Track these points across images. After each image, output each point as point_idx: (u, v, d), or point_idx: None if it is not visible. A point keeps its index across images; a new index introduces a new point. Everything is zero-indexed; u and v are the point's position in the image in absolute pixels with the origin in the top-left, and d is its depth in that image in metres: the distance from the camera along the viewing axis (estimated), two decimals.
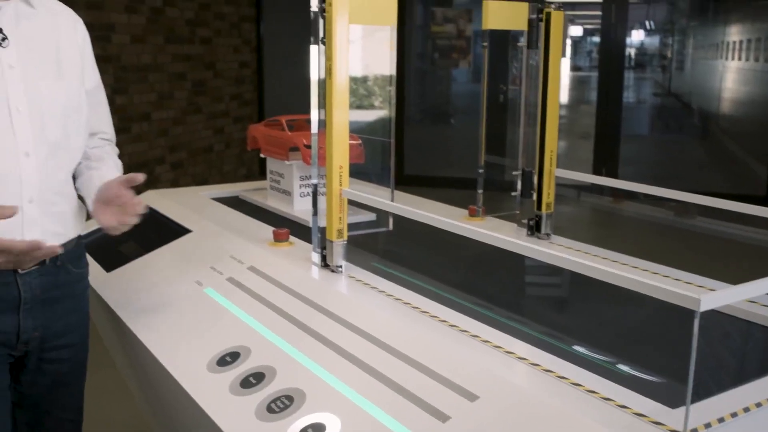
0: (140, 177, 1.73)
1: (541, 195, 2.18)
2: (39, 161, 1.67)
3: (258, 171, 8.61)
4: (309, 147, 2.25)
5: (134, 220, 1.73)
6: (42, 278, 1.73)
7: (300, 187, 2.48)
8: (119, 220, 1.74)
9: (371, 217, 2.33)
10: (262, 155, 2.63)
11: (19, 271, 1.68)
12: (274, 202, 2.59)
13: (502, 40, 2.22)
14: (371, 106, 2.05)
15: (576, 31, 13.79)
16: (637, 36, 10.85)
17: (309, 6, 1.73)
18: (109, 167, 1.87)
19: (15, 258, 1.60)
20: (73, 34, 1.83)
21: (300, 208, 2.45)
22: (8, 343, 1.71)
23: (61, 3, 1.85)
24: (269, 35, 8.61)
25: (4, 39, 1.64)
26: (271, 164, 2.62)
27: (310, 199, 2.08)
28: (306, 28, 1.71)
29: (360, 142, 2.26)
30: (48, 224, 1.70)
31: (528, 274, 2.08)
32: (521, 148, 2.25)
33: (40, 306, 1.73)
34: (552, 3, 2.11)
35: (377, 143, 2.19)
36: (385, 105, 2.04)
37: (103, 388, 2.93)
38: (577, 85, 14.11)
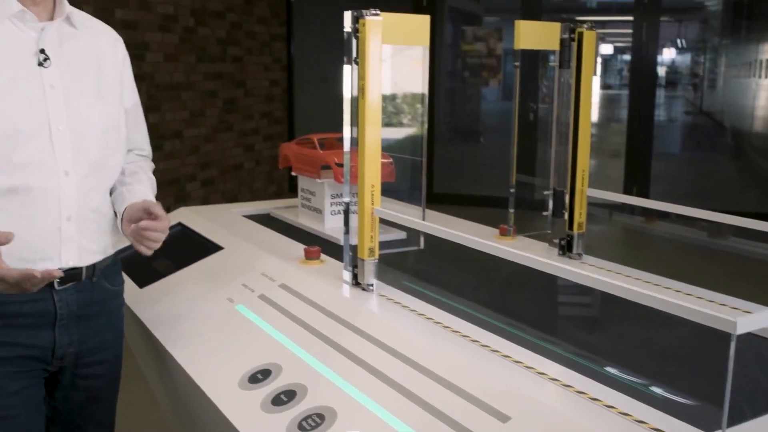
0: (159, 210, 1.73)
1: (572, 215, 2.17)
2: (78, 180, 1.70)
3: (288, 188, 8.66)
4: (340, 165, 2.26)
5: (145, 251, 1.74)
6: (78, 294, 1.75)
7: (331, 205, 2.49)
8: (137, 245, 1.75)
9: (401, 235, 2.33)
10: (293, 173, 2.63)
11: (56, 287, 1.70)
12: (305, 220, 2.60)
13: (533, 58, 2.22)
14: (402, 125, 2.06)
15: (606, 49, 13.75)
16: (668, 54, 10.80)
17: (339, 25, 1.75)
18: (141, 183, 1.88)
19: (10, 287, 1.55)
20: (114, 54, 1.86)
21: (331, 226, 2.46)
22: (44, 359, 1.73)
23: (102, 22, 1.89)
24: (299, 54, 8.68)
25: (46, 59, 1.67)
26: (303, 182, 2.63)
27: (341, 217, 2.09)
28: (336, 47, 1.73)
29: (391, 160, 2.25)
30: (85, 242, 1.73)
31: (560, 293, 2.06)
32: (552, 168, 2.25)
33: (76, 322, 1.75)
34: (584, 23, 2.11)
35: (408, 161, 2.20)
36: (417, 123, 2.05)
37: (134, 402, 2.95)
38: (608, 103, 14.05)
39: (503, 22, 9.90)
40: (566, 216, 2.19)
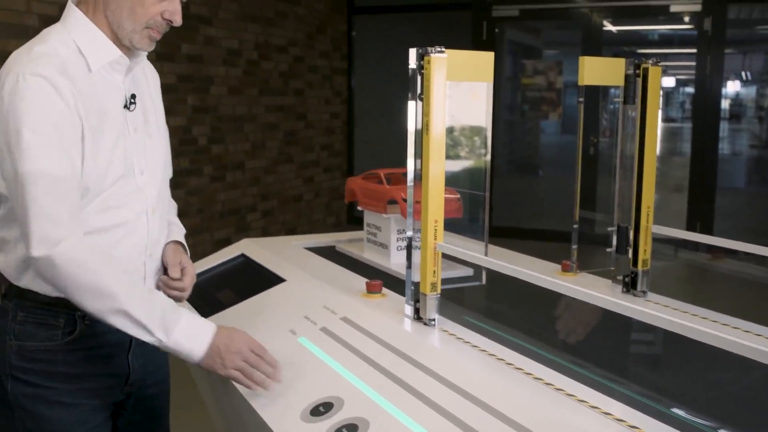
0: (175, 272, 1.81)
1: (637, 251, 2.14)
2: (160, 217, 1.76)
3: (346, 220, 8.72)
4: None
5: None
6: None
7: (397, 240, 2.49)
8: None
9: (468, 272, 2.32)
10: (359, 208, 2.64)
11: None
12: (370, 255, 2.60)
13: (594, 92, 2.21)
14: (464, 159, 2.07)
15: (668, 81, 13.59)
16: (732, 86, 10.61)
17: (398, 60, 1.77)
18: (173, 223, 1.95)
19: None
20: (156, 86, 1.90)
21: (397, 262, 2.45)
22: (119, 387, 1.78)
23: None
24: (360, 87, 8.78)
25: (132, 103, 1.72)
26: (369, 217, 2.61)
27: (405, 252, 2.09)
28: (395, 81, 1.75)
29: (459, 196, 2.24)
30: (155, 276, 1.79)
31: (625, 331, 2.03)
32: (616, 203, 2.22)
33: (142, 347, 1.80)
34: (649, 57, 2.10)
35: (470, 195, 2.20)
36: (478, 158, 2.05)
37: (192, 429, 2.98)
38: (669, 136, 13.85)
39: (563, 55, 9.87)
40: (630, 253, 2.16)
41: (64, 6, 1.72)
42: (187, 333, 1.61)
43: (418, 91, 1.77)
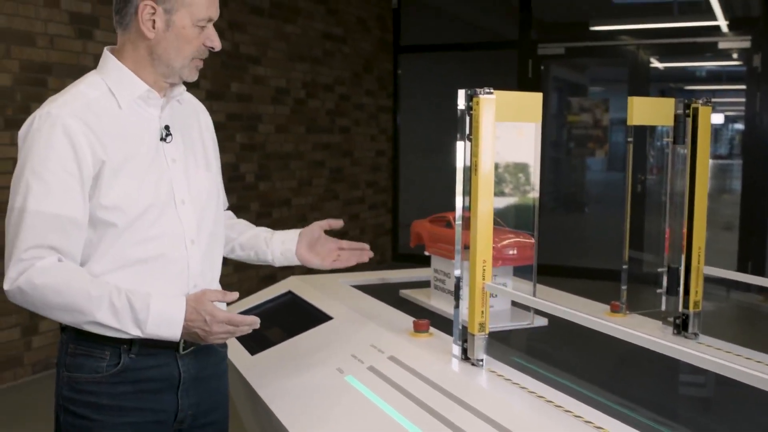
0: (338, 223, 2.14)
1: (688, 293, 2.11)
2: (201, 249, 1.79)
3: (390, 257, 8.73)
4: None
5: (364, 259, 2.07)
6: (197, 358, 1.82)
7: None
8: (343, 262, 2.13)
9: (543, 321, 2.24)
10: (426, 253, 2.49)
11: (180, 351, 1.77)
12: (438, 303, 2.41)
13: (641, 130, 2.20)
14: (512, 197, 2.07)
15: (717, 118, 13.42)
16: None
17: (444, 98, 1.78)
18: (252, 227, 2.11)
19: (204, 330, 1.70)
20: (207, 123, 1.97)
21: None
22: (167, 423, 1.79)
23: (190, 94, 1.98)
24: (405, 125, 8.84)
25: (168, 135, 1.78)
26: (437, 263, 2.44)
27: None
28: (440, 118, 1.77)
29: (532, 241, 2.14)
30: None
31: (675, 373, 2.00)
32: (666, 243, 2.20)
33: (194, 385, 1.82)
34: (699, 96, 2.08)
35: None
36: (525, 196, 2.05)
37: None
38: (718, 173, 13.63)
39: (609, 92, 9.83)
40: (681, 294, 2.13)
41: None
42: (159, 322, 1.66)
43: (467, 131, 1.78)
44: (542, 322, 2.23)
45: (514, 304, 2.31)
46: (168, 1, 1.70)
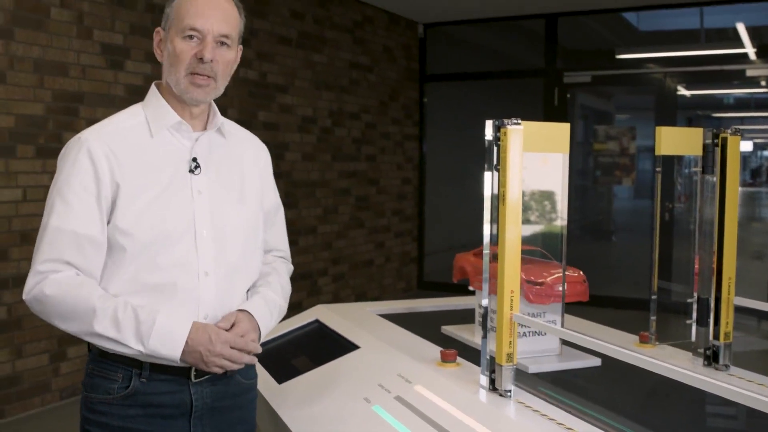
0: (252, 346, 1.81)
1: (718, 323, 2.08)
2: (217, 280, 1.80)
3: (416, 285, 8.71)
4: (533, 283, 2.09)
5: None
6: (213, 387, 1.82)
7: (518, 326, 2.07)
8: None
9: (595, 362, 2.15)
10: (471, 288, 2.39)
11: (192, 379, 1.78)
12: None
13: (668, 158, 2.19)
14: (540, 227, 2.06)
15: (745, 146, 13.31)
16: None
17: (469, 126, 1.79)
18: (271, 287, 1.95)
19: (205, 351, 1.71)
20: (256, 161, 1.98)
21: (518, 350, 2.00)
22: None
23: (248, 132, 2.03)
24: (431, 153, 8.86)
25: (197, 167, 1.80)
26: (480, 296, 2.18)
27: (528, 339, 2.05)
28: (466, 146, 1.78)
29: (585, 278, 2.07)
30: None
31: (705, 404, 1.98)
32: (695, 273, 2.18)
33: (210, 414, 1.82)
34: (727, 125, 2.07)
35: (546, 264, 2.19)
36: (554, 226, 2.05)
37: None
38: (747, 201, 13.50)
39: (636, 119, 9.79)
40: (711, 325, 2.11)
41: (147, 77, 1.90)
42: (162, 339, 1.69)
43: (494, 161, 1.78)
44: (595, 362, 2.14)
45: (564, 341, 2.19)
46: (166, 22, 1.81)
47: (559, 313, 2.06)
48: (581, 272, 2.08)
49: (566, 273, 2.06)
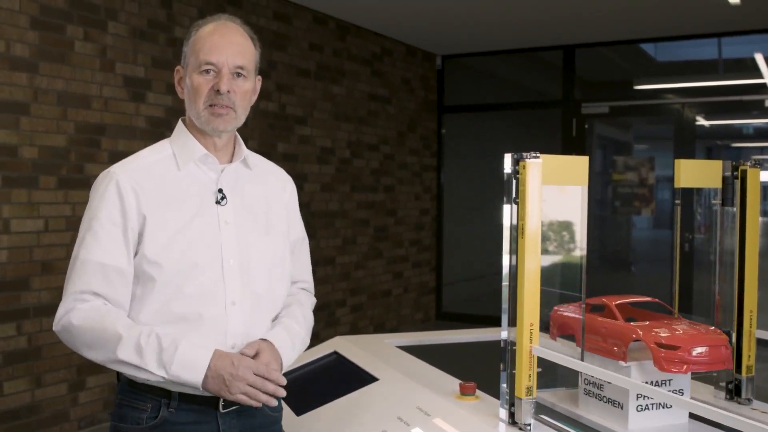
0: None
1: (740, 357, 2.07)
2: (244, 310, 1.81)
3: (434, 316, 8.68)
4: (666, 347, 1.78)
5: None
6: (240, 419, 1.83)
7: (638, 397, 1.85)
8: None
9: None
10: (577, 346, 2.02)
11: (220, 410, 1.78)
12: (593, 414, 1.97)
13: (687, 189, 2.18)
14: (559, 259, 2.05)
15: (765, 176, 13.21)
16: None
17: (488, 156, 1.80)
18: (294, 319, 1.95)
19: (230, 378, 1.70)
20: (282, 193, 2.00)
21: (636, 428, 1.85)
22: None
23: (274, 164, 2.05)
24: (449, 183, 8.88)
25: (223, 198, 1.83)
26: (592, 362, 1.93)
27: (650, 414, 1.85)
28: (484, 177, 1.78)
29: (727, 340, 1.85)
30: None
31: None
32: (716, 306, 2.16)
33: None
34: (746, 157, 2.07)
35: (566, 297, 2.18)
36: (573, 258, 2.04)
37: None
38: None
39: (655, 150, 9.76)
40: (733, 358, 2.09)
41: (167, 109, 1.94)
42: (184, 365, 1.70)
43: (513, 194, 1.79)
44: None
45: (692, 416, 1.94)
46: (184, 60, 1.86)
47: (687, 383, 1.92)
48: (721, 331, 1.85)
49: (704, 333, 1.85)
